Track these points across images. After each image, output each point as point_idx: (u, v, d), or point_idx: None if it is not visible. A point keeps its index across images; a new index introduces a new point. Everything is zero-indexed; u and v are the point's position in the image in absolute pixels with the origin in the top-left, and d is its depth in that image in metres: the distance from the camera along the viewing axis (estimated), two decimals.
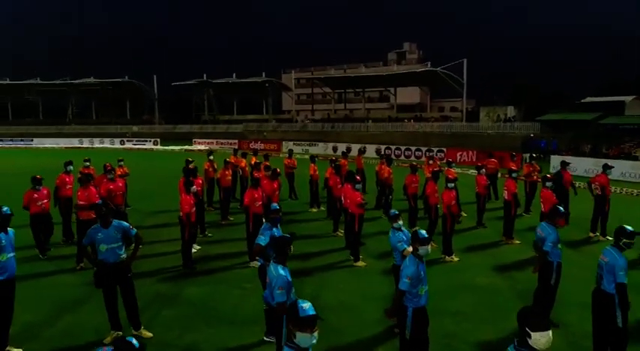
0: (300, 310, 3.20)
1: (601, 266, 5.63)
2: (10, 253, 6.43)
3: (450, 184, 10.42)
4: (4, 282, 6.27)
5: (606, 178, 12.34)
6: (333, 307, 7.62)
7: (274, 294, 4.92)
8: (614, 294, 5.38)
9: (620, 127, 35.75)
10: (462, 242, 11.50)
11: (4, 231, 6.47)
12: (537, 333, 3.15)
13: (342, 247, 11.08)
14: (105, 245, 6.46)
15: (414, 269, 5.12)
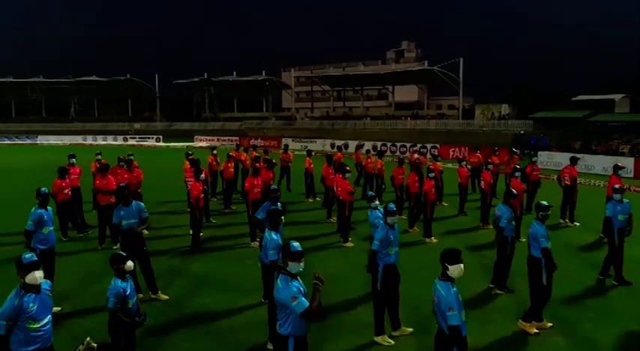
0: (291, 247, 4.46)
1: (529, 236, 6.93)
2: (50, 226, 7.68)
3: (430, 175, 11.64)
4: (47, 251, 7.53)
5: (575, 170, 13.55)
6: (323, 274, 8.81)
7: (268, 254, 6.20)
8: (540, 258, 6.65)
9: (608, 124, 36.86)
10: (443, 227, 12.75)
11: (44, 208, 7.71)
12: (452, 266, 4.38)
13: (334, 231, 12.28)
14: (126, 221, 7.73)
15: (384, 233, 6.42)
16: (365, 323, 6.90)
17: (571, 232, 12.51)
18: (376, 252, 6.48)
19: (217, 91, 70.00)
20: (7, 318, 4.18)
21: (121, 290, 5.14)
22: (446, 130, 44.83)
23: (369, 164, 16.25)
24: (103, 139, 54.34)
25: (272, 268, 6.04)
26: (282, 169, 18.19)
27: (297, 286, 4.33)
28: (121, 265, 5.32)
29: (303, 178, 17.17)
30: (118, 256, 5.41)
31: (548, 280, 6.71)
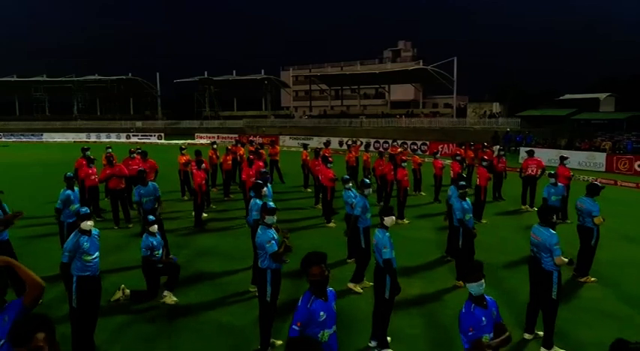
0: (267, 205, 6.14)
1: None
2: (77, 204, 9.32)
3: (403, 164, 13.30)
4: (73, 223, 9.11)
5: (540, 161, 15.25)
6: (306, 248, 10.40)
7: (252, 215, 7.88)
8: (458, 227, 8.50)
9: (592, 122, 38.45)
10: (417, 212, 14.41)
11: (71, 189, 9.36)
12: (387, 217, 6.04)
13: (320, 215, 13.92)
14: (145, 198, 9.39)
15: (363, 202, 8.28)
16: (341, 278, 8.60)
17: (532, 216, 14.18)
18: (358, 216, 8.29)
19: (217, 89, 71.55)
20: (69, 250, 5.87)
21: (150, 243, 6.93)
22: (439, 127, 46.29)
23: (350, 159, 17.91)
24: (106, 137, 55.89)
25: (255, 227, 7.65)
26: (271, 162, 19.93)
27: (272, 234, 5.98)
28: (148, 226, 7.11)
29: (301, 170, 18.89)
30: (146, 220, 7.20)
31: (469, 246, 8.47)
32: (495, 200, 15.98)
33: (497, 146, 33.76)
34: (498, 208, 15.09)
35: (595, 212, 8.42)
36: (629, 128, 35.61)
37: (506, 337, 4.09)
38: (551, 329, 6.08)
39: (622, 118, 36.25)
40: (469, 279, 4.18)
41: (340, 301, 7.88)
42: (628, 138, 32.54)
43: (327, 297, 4.03)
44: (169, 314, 7.48)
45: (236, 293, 8.23)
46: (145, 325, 7.08)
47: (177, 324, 7.16)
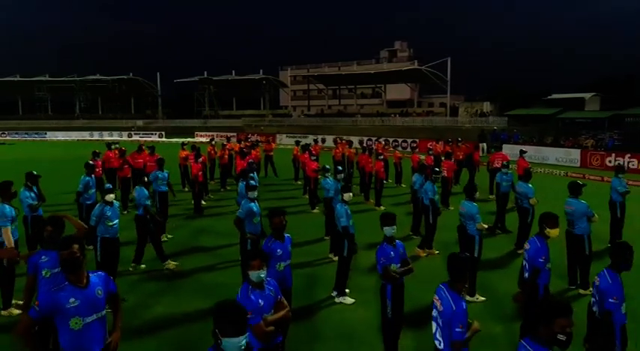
0: (249, 183, 7.70)
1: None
2: (94, 189, 10.92)
3: (380, 157, 14.89)
4: (91, 205, 10.71)
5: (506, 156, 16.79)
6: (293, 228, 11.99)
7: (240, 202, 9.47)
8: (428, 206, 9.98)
9: (576, 121, 40.00)
10: (394, 200, 15.99)
11: (90, 176, 10.95)
12: (344, 194, 7.63)
13: (306, 203, 15.50)
14: (161, 181, 11.08)
15: (336, 186, 10.14)
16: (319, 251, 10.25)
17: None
18: (332, 198, 9.90)
19: (217, 89, 73.03)
20: (95, 216, 7.51)
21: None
22: (431, 126, 47.72)
23: (337, 154, 19.53)
24: (108, 135, 57.37)
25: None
26: (266, 158, 21.57)
27: (252, 206, 7.57)
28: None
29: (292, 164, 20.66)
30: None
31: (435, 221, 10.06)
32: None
33: (483, 144, 35.40)
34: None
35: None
36: (610, 126, 37.12)
37: (409, 268, 5.69)
38: (472, 282, 7.68)
39: (604, 117, 37.78)
40: (385, 224, 5.86)
41: (314, 268, 9.53)
42: (610, 136, 34.06)
43: (283, 239, 5.66)
44: (172, 276, 9.09)
45: (229, 260, 9.79)
46: (151, 284, 8.68)
47: (179, 283, 8.75)
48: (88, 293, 3.89)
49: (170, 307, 7.74)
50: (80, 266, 3.91)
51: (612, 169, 24.48)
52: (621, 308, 4.72)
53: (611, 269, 4.84)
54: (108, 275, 4.23)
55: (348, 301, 7.73)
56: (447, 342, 3.96)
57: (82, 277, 3.93)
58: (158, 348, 6.42)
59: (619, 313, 4.69)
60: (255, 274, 4.12)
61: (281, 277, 5.51)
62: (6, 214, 7.18)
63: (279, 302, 4.30)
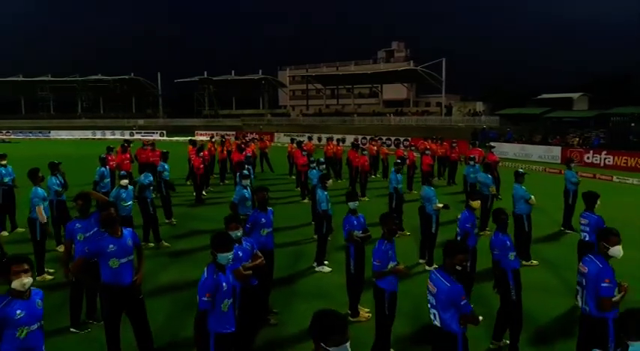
0: (243, 172, 9.10)
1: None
2: (108, 178, 12.36)
3: (364, 152, 16.34)
4: (106, 192, 12.17)
5: (481, 151, 18.25)
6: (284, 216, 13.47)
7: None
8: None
9: (563, 120, 41.44)
10: (378, 192, 17.41)
11: (104, 167, 12.39)
12: (326, 181, 9.04)
13: (299, 194, 16.94)
14: (167, 173, 12.51)
15: (319, 173, 11.17)
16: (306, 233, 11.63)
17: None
18: (315, 185, 11.26)
19: (216, 89, 74.41)
20: (113, 197, 8.92)
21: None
22: (425, 125, 49.04)
23: (328, 150, 21.01)
24: (111, 134, 58.84)
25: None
26: (261, 154, 23.11)
27: (245, 192, 8.97)
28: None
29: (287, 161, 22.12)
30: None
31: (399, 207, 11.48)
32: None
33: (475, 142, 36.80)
34: (451, 189, 18.13)
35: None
36: (597, 125, 38.55)
37: (368, 235, 7.14)
38: (431, 255, 9.12)
39: (590, 116, 39.21)
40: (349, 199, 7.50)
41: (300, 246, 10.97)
42: (596, 134, 35.48)
43: (266, 211, 7.12)
44: (174, 254, 10.56)
45: None
46: (158, 259, 10.11)
47: (181, 259, 10.21)
48: (122, 242, 5.38)
49: (175, 276, 9.20)
50: (115, 223, 5.41)
51: (591, 165, 26.14)
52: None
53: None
54: (134, 231, 5.70)
55: (325, 269, 9.17)
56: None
57: (117, 230, 5.41)
58: (170, 304, 7.85)
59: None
60: (233, 234, 5.56)
61: (264, 241, 7.07)
62: (39, 194, 8.65)
63: (255, 255, 5.82)
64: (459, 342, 4.37)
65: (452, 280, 4.43)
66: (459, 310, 4.37)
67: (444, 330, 4.42)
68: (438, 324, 4.46)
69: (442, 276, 4.51)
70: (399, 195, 12.10)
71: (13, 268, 4.00)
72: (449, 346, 4.37)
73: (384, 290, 5.75)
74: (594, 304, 4.85)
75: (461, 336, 4.38)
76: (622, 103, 43.22)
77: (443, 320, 4.40)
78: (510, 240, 6.34)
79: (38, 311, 4.16)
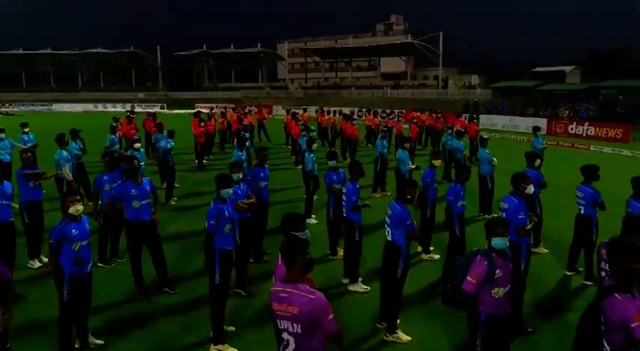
0: (241, 136, 10.44)
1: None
2: (117, 145, 13.68)
3: (353, 122, 17.64)
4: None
5: (464, 121, 19.55)
6: (279, 180, 14.86)
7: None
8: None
9: (554, 93, 42.49)
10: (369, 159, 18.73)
11: (113, 134, 13.71)
12: (313, 145, 10.38)
13: (293, 161, 18.31)
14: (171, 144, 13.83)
15: (308, 139, 12.38)
16: (299, 192, 12.99)
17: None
18: (305, 151, 12.41)
19: (216, 62, 74.97)
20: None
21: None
22: (422, 98, 50.00)
23: (323, 121, 22.30)
24: (112, 107, 59.69)
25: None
26: (259, 125, 24.41)
27: (241, 155, 10.35)
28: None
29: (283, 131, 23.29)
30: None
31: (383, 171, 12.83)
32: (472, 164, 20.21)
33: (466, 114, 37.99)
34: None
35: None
36: (586, 98, 39.64)
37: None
38: None
39: (580, 89, 40.27)
40: (330, 158, 8.82)
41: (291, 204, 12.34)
42: (585, 107, 36.63)
43: (264, 167, 8.53)
44: (181, 209, 12.00)
45: None
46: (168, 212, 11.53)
47: (188, 212, 11.65)
48: (142, 188, 6.79)
49: (181, 226, 10.74)
50: (137, 172, 6.81)
51: (574, 136, 27.44)
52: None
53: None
54: (151, 181, 7.12)
55: (312, 221, 10.59)
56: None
57: (138, 178, 6.80)
58: (179, 248, 9.29)
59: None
60: (235, 176, 7.10)
61: (261, 192, 8.51)
62: (64, 156, 10.01)
63: (249, 196, 7.34)
64: (402, 253, 5.89)
65: (403, 206, 6.07)
66: (405, 228, 5.84)
67: (393, 244, 5.95)
68: (390, 238, 5.95)
69: (397, 203, 6.13)
70: (384, 159, 13.48)
71: (69, 199, 5.40)
72: (396, 255, 5.90)
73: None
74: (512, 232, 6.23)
75: (405, 249, 5.89)
76: (614, 76, 44.25)
77: (393, 235, 5.97)
78: (464, 192, 7.76)
79: (87, 231, 5.56)
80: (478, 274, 4.37)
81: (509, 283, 4.51)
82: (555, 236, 9.52)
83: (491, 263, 4.39)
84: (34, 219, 8.17)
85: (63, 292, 5.42)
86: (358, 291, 7.44)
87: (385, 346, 6.09)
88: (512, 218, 6.12)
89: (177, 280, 7.82)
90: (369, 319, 6.63)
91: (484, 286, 4.40)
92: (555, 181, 12.08)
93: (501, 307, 4.48)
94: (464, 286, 4.40)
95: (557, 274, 8.30)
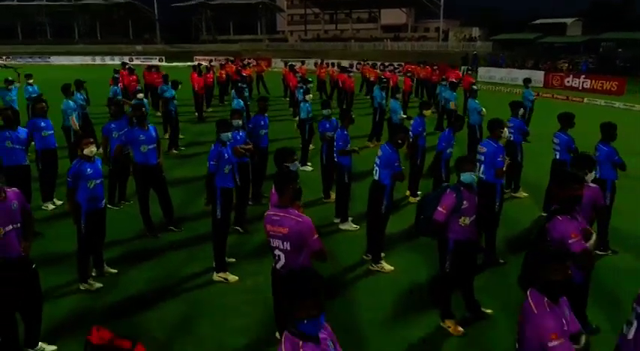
0: (238, 86, 10.90)
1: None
2: (120, 95, 14.12)
3: (350, 74, 17.99)
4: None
5: (459, 73, 19.84)
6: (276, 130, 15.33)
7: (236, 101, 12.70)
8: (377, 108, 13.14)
9: (555, 45, 42.27)
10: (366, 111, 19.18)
11: (116, 85, 14.12)
12: (306, 95, 10.84)
13: (291, 113, 18.75)
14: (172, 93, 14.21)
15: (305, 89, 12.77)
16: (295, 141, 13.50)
17: None
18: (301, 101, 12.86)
19: (214, 14, 73.78)
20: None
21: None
22: (422, 51, 49.65)
23: (321, 73, 22.58)
24: (110, 60, 59.21)
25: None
26: (257, 77, 24.72)
27: (239, 102, 10.79)
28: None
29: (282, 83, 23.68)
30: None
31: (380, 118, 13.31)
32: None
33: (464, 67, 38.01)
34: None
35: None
36: (586, 50, 39.53)
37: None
38: None
39: (580, 42, 40.07)
40: (324, 107, 9.38)
41: None
42: (585, 60, 36.59)
43: (265, 115, 9.02)
44: (183, 156, 12.57)
45: None
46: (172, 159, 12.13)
47: (190, 158, 12.24)
48: (149, 133, 7.35)
49: (184, 172, 11.41)
50: (145, 119, 7.35)
51: (570, 88, 27.70)
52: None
53: None
54: (155, 127, 7.67)
55: (307, 168, 11.22)
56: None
57: (145, 125, 7.34)
58: (182, 192, 9.92)
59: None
60: (235, 122, 7.67)
61: (261, 140, 9.15)
62: (71, 106, 10.50)
63: (247, 142, 7.90)
64: (386, 191, 6.52)
65: (393, 150, 6.63)
66: (392, 170, 6.46)
67: (379, 183, 6.58)
68: (376, 178, 6.55)
69: (388, 146, 6.69)
70: (382, 110, 13.94)
71: (84, 141, 5.95)
72: (380, 193, 6.53)
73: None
74: (491, 173, 6.81)
75: (389, 188, 6.51)
76: (617, 28, 43.84)
77: (380, 175, 6.58)
78: (454, 138, 8.39)
79: (100, 171, 6.15)
80: (448, 205, 4.98)
81: (475, 213, 5.13)
82: (535, 181, 10.09)
83: (459, 195, 5.00)
84: (47, 165, 8.77)
85: (81, 226, 6.06)
86: (349, 229, 8.13)
87: (371, 274, 6.83)
88: (490, 161, 6.72)
89: (182, 220, 8.50)
90: (358, 253, 7.32)
91: (452, 216, 5.02)
92: (541, 131, 12.61)
93: (467, 233, 5.12)
94: (435, 216, 5.02)
95: (534, 215, 8.96)
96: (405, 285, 6.50)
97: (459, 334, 5.31)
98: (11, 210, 4.45)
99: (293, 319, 2.52)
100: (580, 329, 3.08)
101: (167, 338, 5.41)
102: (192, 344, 5.30)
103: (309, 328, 2.51)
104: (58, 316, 5.71)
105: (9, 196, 4.46)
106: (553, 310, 2.87)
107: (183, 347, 5.25)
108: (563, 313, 2.96)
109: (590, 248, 4.09)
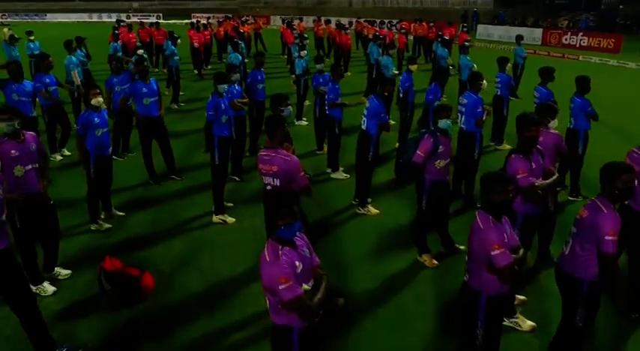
0: (234, 41, 11.21)
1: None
2: (120, 52, 14.40)
3: (347, 31, 18.15)
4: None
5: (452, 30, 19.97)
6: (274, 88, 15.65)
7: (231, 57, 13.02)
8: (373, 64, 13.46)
9: (555, 2, 41.78)
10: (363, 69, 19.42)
11: (115, 42, 14.38)
12: (301, 52, 11.17)
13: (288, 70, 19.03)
14: (177, 57, 14.42)
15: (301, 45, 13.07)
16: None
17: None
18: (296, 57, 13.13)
19: None
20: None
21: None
22: (422, 8, 49.03)
23: (319, 31, 22.66)
24: (107, 17, 58.46)
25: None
26: (255, 35, 24.77)
27: (237, 55, 11.13)
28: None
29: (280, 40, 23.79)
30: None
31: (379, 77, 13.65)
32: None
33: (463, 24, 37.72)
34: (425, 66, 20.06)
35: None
36: (587, 8, 39.14)
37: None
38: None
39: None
40: (317, 62, 9.68)
41: None
42: (585, 17, 36.30)
43: (261, 70, 9.47)
44: (186, 111, 12.99)
45: None
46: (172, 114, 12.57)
47: (191, 113, 12.66)
48: (151, 86, 7.81)
49: (184, 126, 11.91)
50: (147, 73, 7.80)
51: (567, 46, 27.72)
52: None
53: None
54: (156, 80, 8.11)
55: (302, 123, 11.73)
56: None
57: (147, 79, 7.78)
58: (183, 143, 10.39)
59: None
60: (234, 77, 8.03)
61: (259, 93, 9.63)
62: (74, 61, 10.88)
63: (244, 96, 8.32)
64: (373, 140, 7.04)
65: (380, 101, 7.10)
66: (379, 120, 6.91)
67: (367, 132, 7.08)
68: (364, 127, 7.05)
69: (375, 98, 7.15)
70: (378, 66, 14.08)
71: (91, 92, 6.42)
72: (367, 142, 7.05)
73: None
74: (471, 123, 7.28)
75: (375, 137, 7.01)
76: None
77: (367, 124, 7.08)
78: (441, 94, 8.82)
79: (106, 120, 6.65)
80: (426, 148, 5.49)
81: (449, 157, 5.66)
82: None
83: (436, 140, 5.50)
84: (53, 118, 9.23)
85: (90, 171, 6.59)
86: (339, 178, 8.67)
87: (358, 216, 7.43)
88: (471, 112, 7.19)
89: (183, 170, 9.04)
90: (347, 199, 7.88)
91: (429, 158, 5.54)
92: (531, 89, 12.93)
93: (441, 174, 5.68)
94: (414, 158, 5.54)
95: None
96: (389, 226, 7.09)
97: (434, 266, 5.93)
98: (30, 151, 4.97)
99: (274, 229, 3.07)
100: (519, 244, 3.64)
101: (171, 270, 6.03)
102: (193, 274, 5.93)
103: (286, 233, 3.05)
104: (71, 251, 6.32)
105: (27, 138, 4.98)
106: (496, 226, 3.44)
107: (185, 277, 5.88)
108: (505, 229, 3.52)
109: (545, 185, 4.62)
